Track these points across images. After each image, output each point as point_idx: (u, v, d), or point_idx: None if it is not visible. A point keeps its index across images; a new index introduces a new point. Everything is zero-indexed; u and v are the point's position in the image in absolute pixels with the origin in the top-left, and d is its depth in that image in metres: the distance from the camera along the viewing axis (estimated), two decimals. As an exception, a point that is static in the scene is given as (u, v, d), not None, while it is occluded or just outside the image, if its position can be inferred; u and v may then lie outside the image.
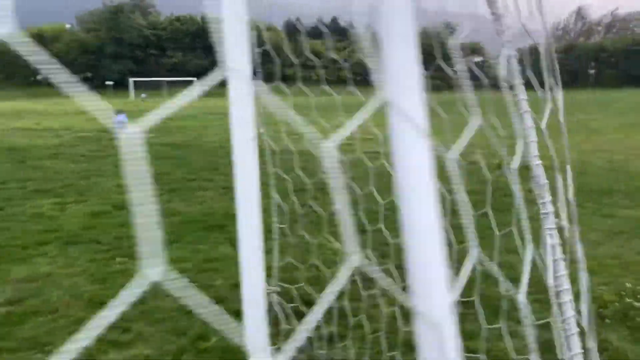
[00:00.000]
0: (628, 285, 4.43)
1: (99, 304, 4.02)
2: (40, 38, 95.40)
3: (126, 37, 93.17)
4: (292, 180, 3.14)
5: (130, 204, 0.49)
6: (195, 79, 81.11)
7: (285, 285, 3.36)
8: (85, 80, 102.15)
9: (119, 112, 17.04)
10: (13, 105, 48.84)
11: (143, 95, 69.63)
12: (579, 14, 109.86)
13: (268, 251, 2.16)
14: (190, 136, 17.34)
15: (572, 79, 79.64)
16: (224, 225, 6.48)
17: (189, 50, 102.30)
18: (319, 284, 3.65)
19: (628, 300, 4.19)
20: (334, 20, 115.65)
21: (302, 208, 3.14)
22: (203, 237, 6.25)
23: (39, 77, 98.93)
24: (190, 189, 9.23)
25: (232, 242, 3.47)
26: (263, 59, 2.68)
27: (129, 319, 3.77)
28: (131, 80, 76.69)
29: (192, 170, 10.90)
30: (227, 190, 8.55)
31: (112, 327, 3.32)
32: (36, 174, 10.57)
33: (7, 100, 68.96)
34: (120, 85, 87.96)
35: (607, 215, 7.10)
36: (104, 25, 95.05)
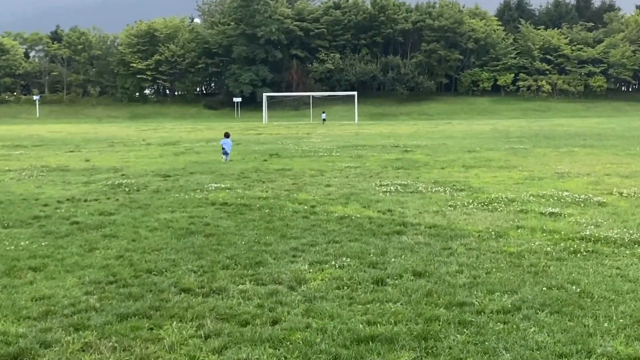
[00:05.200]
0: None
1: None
2: (152, 37, 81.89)
3: (261, 33, 75.08)
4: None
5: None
6: (355, 93, 61.43)
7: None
8: (206, 95, 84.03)
9: (226, 134, 18.18)
10: (92, 129, 41.44)
11: (323, 115, 58.64)
12: None
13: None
14: (282, 188, 11.59)
15: None
16: None
17: (350, 50, 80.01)
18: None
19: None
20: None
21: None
22: None
23: (146, 92, 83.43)
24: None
25: None
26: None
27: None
28: (265, 95, 61.16)
29: (214, 265, 5.56)
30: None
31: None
32: None
33: (100, 123, 56.47)
34: (252, 102, 72.41)
35: None
36: (234, 16, 77.54)
